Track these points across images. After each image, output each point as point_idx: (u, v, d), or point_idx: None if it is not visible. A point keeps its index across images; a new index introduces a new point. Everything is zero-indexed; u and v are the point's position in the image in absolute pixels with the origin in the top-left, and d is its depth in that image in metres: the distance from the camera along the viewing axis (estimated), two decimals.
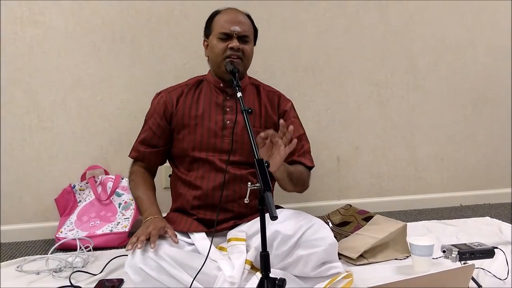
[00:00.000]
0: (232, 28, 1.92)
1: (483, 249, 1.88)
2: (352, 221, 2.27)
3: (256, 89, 2.09)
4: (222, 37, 1.93)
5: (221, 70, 1.95)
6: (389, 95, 2.92)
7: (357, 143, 2.92)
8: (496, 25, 3.00)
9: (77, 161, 2.59)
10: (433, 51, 2.94)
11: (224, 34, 1.93)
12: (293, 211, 1.90)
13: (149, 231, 1.72)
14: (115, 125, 2.61)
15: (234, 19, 1.95)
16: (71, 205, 2.51)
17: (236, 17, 1.96)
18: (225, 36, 1.93)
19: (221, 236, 1.90)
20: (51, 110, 2.55)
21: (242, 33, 1.94)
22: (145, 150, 2.03)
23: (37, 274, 2.02)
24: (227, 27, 1.93)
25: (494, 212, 2.84)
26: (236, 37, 1.92)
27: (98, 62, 2.57)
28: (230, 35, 1.92)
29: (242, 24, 1.95)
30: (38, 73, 2.52)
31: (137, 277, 1.63)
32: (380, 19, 2.85)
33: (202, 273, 1.64)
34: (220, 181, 1.90)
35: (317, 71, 2.81)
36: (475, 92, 3.03)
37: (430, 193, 3.04)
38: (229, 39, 1.92)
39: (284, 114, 2.07)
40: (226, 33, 1.92)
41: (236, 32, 1.92)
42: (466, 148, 3.07)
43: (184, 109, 1.99)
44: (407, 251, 2.09)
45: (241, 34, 1.93)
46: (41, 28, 2.49)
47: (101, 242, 2.35)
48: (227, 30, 1.92)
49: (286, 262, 1.76)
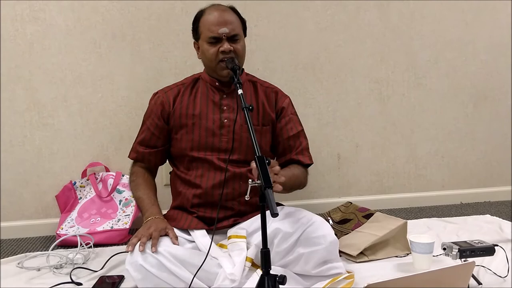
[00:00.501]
0: (220, 31, 1.88)
1: (483, 247, 1.88)
2: (353, 218, 2.27)
3: (253, 86, 2.08)
4: (211, 41, 1.90)
5: (217, 74, 1.95)
6: (390, 92, 2.92)
7: (358, 140, 2.92)
8: (496, 22, 2.99)
9: (78, 158, 2.60)
10: (433, 48, 2.94)
11: (213, 38, 1.89)
12: (294, 209, 1.90)
13: (150, 232, 1.72)
14: (115, 122, 2.61)
15: (220, 19, 1.90)
16: (72, 202, 2.52)
17: (221, 16, 1.91)
18: (215, 40, 1.90)
19: (222, 234, 1.90)
20: (51, 107, 2.55)
21: (231, 33, 1.90)
22: (144, 150, 2.03)
23: (38, 271, 2.02)
24: (214, 30, 1.89)
25: (494, 210, 2.84)
26: (226, 39, 1.89)
27: (98, 59, 2.57)
28: (219, 38, 1.89)
29: (229, 23, 1.91)
30: (38, 70, 2.51)
31: (138, 274, 1.64)
32: (380, 17, 2.85)
33: (203, 270, 1.65)
34: (219, 180, 1.90)
35: (318, 69, 2.81)
36: (475, 89, 3.03)
37: (430, 190, 3.04)
38: (219, 42, 1.89)
39: (282, 111, 2.06)
40: (215, 37, 1.89)
41: (225, 34, 1.89)
42: (466, 145, 3.07)
43: (181, 109, 1.99)
44: (408, 249, 2.10)
45: (230, 34, 1.90)
46: (42, 25, 2.49)
47: (102, 239, 2.35)
48: (215, 33, 1.89)
49: (287, 259, 1.76)
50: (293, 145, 2.04)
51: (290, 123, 2.06)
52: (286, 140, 2.04)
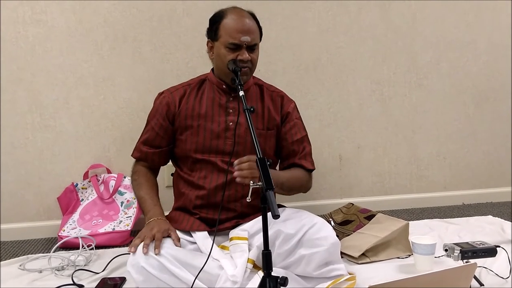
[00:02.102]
0: (242, 39, 1.85)
1: (485, 248, 1.88)
2: (354, 219, 2.27)
3: (259, 90, 2.07)
4: (231, 47, 1.86)
5: (228, 79, 1.90)
6: (391, 93, 2.92)
7: (359, 141, 2.92)
8: (497, 23, 2.99)
9: (80, 160, 2.60)
10: (434, 49, 2.94)
11: (234, 44, 1.86)
12: (295, 210, 1.91)
13: (153, 233, 1.72)
14: (117, 124, 2.62)
15: (243, 27, 1.86)
16: (74, 204, 2.52)
17: (244, 24, 1.87)
18: (235, 46, 1.86)
19: (223, 235, 1.90)
20: (53, 109, 2.55)
21: (252, 43, 1.88)
22: (148, 150, 2.03)
23: (40, 273, 2.02)
24: (236, 38, 1.85)
25: (496, 211, 2.84)
26: (246, 47, 1.87)
27: (100, 61, 2.57)
28: (240, 45, 1.86)
29: (251, 32, 1.88)
30: (40, 72, 2.52)
31: (139, 276, 1.64)
32: (381, 18, 2.85)
33: (204, 272, 1.65)
34: (222, 181, 1.89)
35: (319, 70, 2.81)
36: (477, 90, 3.03)
37: (432, 191, 3.04)
38: (238, 49, 1.86)
39: (287, 116, 2.05)
40: (236, 43, 1.86)
41: (246, 42, 1.86)
42: (468, 146, 3.07)
43: (187, 110, 1.98)
44: (409, 250, 2.09)
45: (251, 44, 1.88)
46: (43, 27, 2.49)
47: (104, 241, 2.35)
48: (236, 41, 1.85)
49: (288, 261, 1.76)
50: (297, 150, 2.04)
51: (295, 127, 2.05)
52: (290, 145, 2.04)
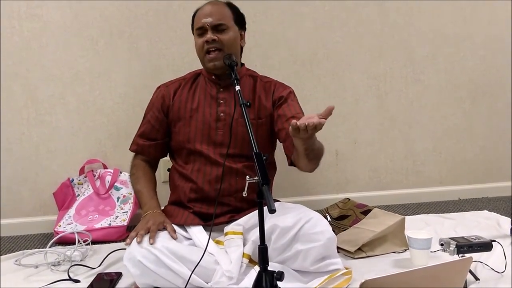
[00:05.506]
0: (203, 21, 1.91)
1: (481, 242, 1.88)
2: (351, 214, 2.27)
3: (253, 80, 2.07)
4: (199, 33, 1.94)
5: (206, 66, 1.97)
6: (388, 88, 2.91)
7: (356, 136, 2.92)
8: (494, 18, 2.99)
9: (76, 155, 2.59)
10: (431, 44, 2.93)
11: (199, 29, 1.93)
12: (292, 205, 1.91)
13: (148, 225, 1.73)
14: (113, 119, 2.61)
15: (205, 11, 1.94)
16: (70, 199, 2.52)
17: (208, 9, 1.94)
18: (201, 31, 1.93)
19: (218, 230, 1.90)
20: (49, 104, 2.54)
21: (215, 22, 1.91)
22: (144, 143, 2.06)
23: (36, 268, 2.02)
24: (199, 22, 1.93)
25: (492, 206, 2.84)
26: (210, 28, 1.91)
27: (96, 56, 2.56)
28: (204, 28, 1.92)
29: (213, 14, 1.92)
30: (36, 67, 2.51)
31: (136, 270, 1.64)
32: (378, 13, 2.84)
33: (201, 267, 1.65)
34: (215, 175, 1.90)
35: (315, 65, 2.81)
36: (473, 85, 3.03)
37: (428, 186, 3.04)
38: (205, 33, 1.92)
39: (280, 99, 2.01)
40: (200, 27, 1.93)
41: (208, 23, 1.90)
42: (464, 141, 3.07)
43: (180, 102, 2.01)
44: (405, 245, 2.10)
45: (214, 23, 1.91)
46: (39, 22, 2.48)
47: (100, 236, 2.35)
48: (200, 24, 1.93)
49: (284, 256, 1.76)
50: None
51: (290, 106, 2.00)
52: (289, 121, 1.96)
